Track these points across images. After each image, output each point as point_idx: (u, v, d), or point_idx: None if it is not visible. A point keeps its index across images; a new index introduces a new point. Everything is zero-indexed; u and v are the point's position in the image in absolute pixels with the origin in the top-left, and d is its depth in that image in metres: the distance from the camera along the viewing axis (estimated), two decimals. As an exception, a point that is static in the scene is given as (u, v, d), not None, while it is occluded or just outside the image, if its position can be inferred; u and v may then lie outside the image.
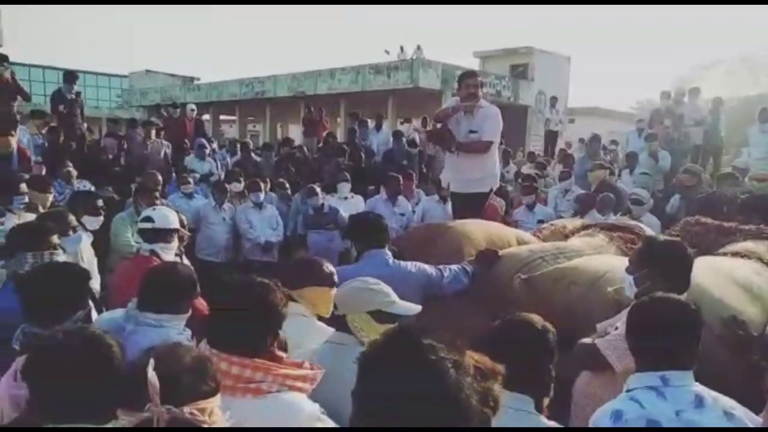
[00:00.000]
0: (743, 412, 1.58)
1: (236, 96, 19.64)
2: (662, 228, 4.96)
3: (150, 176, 5.69)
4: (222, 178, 7.01)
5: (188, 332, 2.09)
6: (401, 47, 17.81)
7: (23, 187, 4.22)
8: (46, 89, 25.27)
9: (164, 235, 3.10)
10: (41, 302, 1.85)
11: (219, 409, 1.14)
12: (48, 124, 7.57)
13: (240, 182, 6.31)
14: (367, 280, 2.01)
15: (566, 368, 2.03)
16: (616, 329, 1.98)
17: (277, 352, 1.55)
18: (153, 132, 8.55)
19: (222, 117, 23.18)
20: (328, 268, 2.30)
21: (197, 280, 2.21)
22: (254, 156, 8.90)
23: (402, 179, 6.77)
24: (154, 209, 3.34)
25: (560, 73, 17.67)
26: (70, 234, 3.20)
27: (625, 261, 2.45)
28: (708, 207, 4.94)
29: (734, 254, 3.16)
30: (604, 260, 2.96)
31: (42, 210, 4.28)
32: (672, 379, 1.57)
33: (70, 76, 8.02)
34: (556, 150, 11.77)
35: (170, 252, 3.13)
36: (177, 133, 9.26)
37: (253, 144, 10.65)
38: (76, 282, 1.98)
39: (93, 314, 2.22)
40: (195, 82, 24.16)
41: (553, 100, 13.44)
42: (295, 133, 16.27)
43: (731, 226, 3.64)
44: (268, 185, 6.68)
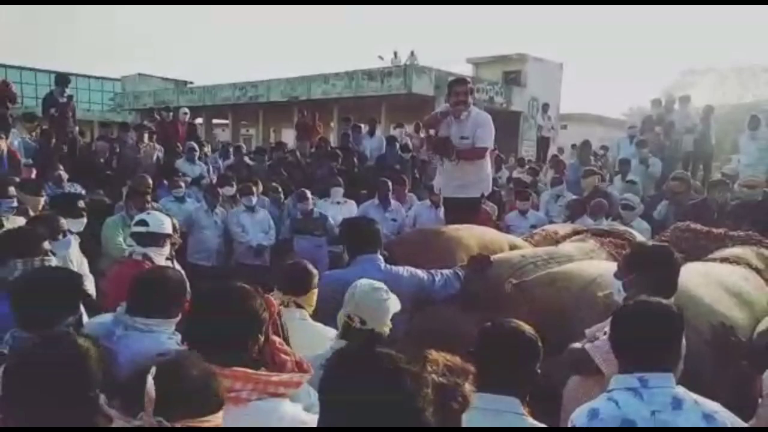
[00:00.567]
0: (728, 416, 1.58)
1: (229, 100, 19.61)
2: (652, 233, 5.00)
3: (140, 180, 5.67)
4: (214, 182, 6.99)
5: (178, 337, 2.07)
6: (395, 53, 17.90)
7: (12, 190, 4.19)
8: (38, 92, 25.10)
9: (158, 240, 3.11)
10: (32, 307, 1.84)
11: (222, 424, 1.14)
12: (39, 127, 7.53)
13: (232, 186, 6.29)
14: (384, 288, 2.03)
15: (556, 373, 2.05)
16: (605, 334, 1.99)
17: (277, 347, 1.55)
18: (145, 136, 8.52)
19: (215, 121, 23.12)
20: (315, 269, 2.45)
21: (187, 285, 2.20)
22: (247, 160, 8.89)
23: (395, 184, 6.78)
24: (149, 213, 3.33)
25: (552, 80, 17.78)
26: (60, 238, 3.18)
27: (615, 266, 2.47)
28: (698, 213, 4.99)
29: (723, 260, 3.20)
30: (595, 265, 2.99)
31: (32, 213, 4.24)
32: (650, 381, 1.59)
33: (62, 79, 7.98)
34: (548, 156, 11.84)
35: (162, 257, 3.13)
36: (170, 137, 9.23)
37: (246, 148, 10.63)
38: (67, 287, 1.96)
39: (85, 318, 2.21)
40: (188, 86, 24.09)
41: (546, 107, 13.52)
42: (288, 138, 16.26)
43: (720, 232, 3.68)
44: (261, 189, 6.67)
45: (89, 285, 3.26)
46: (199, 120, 19.17)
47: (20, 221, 3.89)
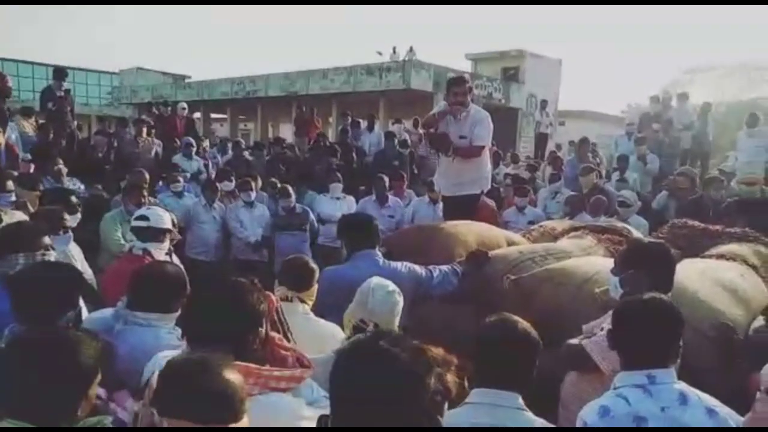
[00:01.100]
0: (726, 411, 1.62)
1: (228, 95, 19.55)
2: (651, 229, 5.01)
3: (137, 174, 5.65)
4: (213, 177, 6.98)
5: (178, 331, 2.08)
6: (394, 48, 17.84)
7: (10, 185, 4.18)
8: (35, 86, 25.00)
9: (158, 235, 3.11)
10: (31, 302, 1.84)
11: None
12: (37, 122, 7.49)
13: (231, 181, 6.28)
14: (396, 289, 2.03)
15: (553, 369, 2.06)
16: (603, 330, 2.00)
17: (276, 342, 1.55)
18: (144, 130, 8.50)
19: (213, 116, 23.06)
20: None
21: (186, 279, 2.20)
22: (245, 155, 8.88)
23: (393, 180, 6.78)
24: (149, 209, 3.34)
25: (551, 76, 17.76)
26: (61, 233, 3.18)
27: (613, 262, 2.49)
28: (695, 210, 5.01)
29: (720, 257, 3.21)
30: (592, 262, 3.00)
31: (30, 208, 4.24)
32: (657, 377, 1.61)
33: (60, 73, 7.94)
34: (546, 152, 11.84)
35: (162, 252, 3.13)
36: (168, 132, 9.21)
37: (245, 143, 10.61)
38: (67, 282, 1.97)
39: (84, 313, 2.22)
40: (186, 81, 24.02)
41: (544, 103, 13.53)
42: (287, 133, 16.24)
43: (717, 229, 3.69)
44: (259, 184, 6.66)
45: (90, 277, 3.27)
46: (197, 115, 19.13)
47: (18, 215, 3.89)
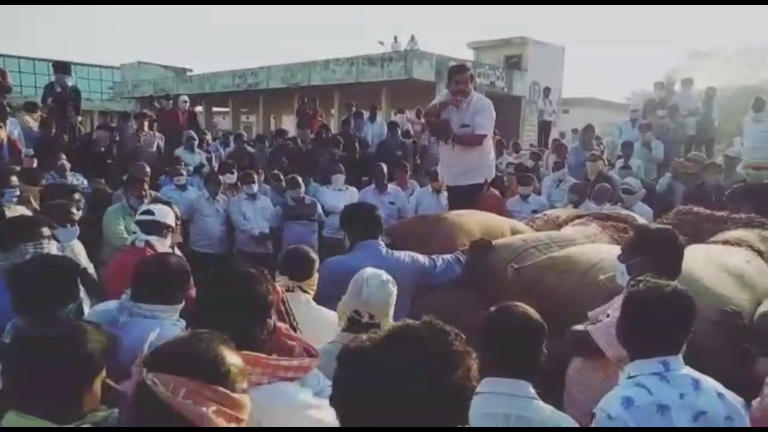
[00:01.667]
0: (732, 395, 1.63)
1: (229, 87, 19.52)
2: (654, 216, 4.99)
3: (138, 168, 5.65)
4: (215, 170, 6.98)
5: (182, 323, 2.09)
6: (395, 38, 17.77)
7: (14, 180, 4.19)
8: (37, 81, 25.00)
9: (161, 229, 3.11)
10: (32, 296, 1.85)
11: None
12: (40, 117, 7.49)
13: (233, 174, 6.29)
14: (390, 279, 2.01)
15: (558, 356, 2.05)
16: (608, 316, 1.99)
17: (283, 332, 1.55)
18: (146, 124, 8.49)
19: (215, 109, 23.03)
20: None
21: (189, 270, 2.20)
22: (248, 147, 8.86)
23: (397, 170, 6.77)
24: (155, 204, 3.37)
25: (554, 64, 17.64)
26: (68, 227, 3.20)
27: (618, 249, 2.47)
28: (697, 196, 4.98)
29: (725, 242, 3.19)
30: (597, 249, 2.98)
31: (34, 203, 4.25)
32: (672, 364, 1.62)
33: (60, 67, 7.88)
34: (550, 140, 11.78)
35: (164, 246, 3.13)
36: (170, 125, 9.20)
37: (247, 135, 10.59)
38: (67, 275, 1.97)
39: (86, 307, 2.22)
40: (188, 74, 23.97)
41: (547, 91, 13.44)
42: (289, 125, 16.21)
43: (722, 215, 3.66)
44: (262, 177, 6.65)
45: (92, 271, 3.28)
46: (199, 108, 19.11)
47: (22, 211, 3.90)
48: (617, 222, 3.64)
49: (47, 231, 2.51)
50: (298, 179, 5.85)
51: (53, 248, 2.52)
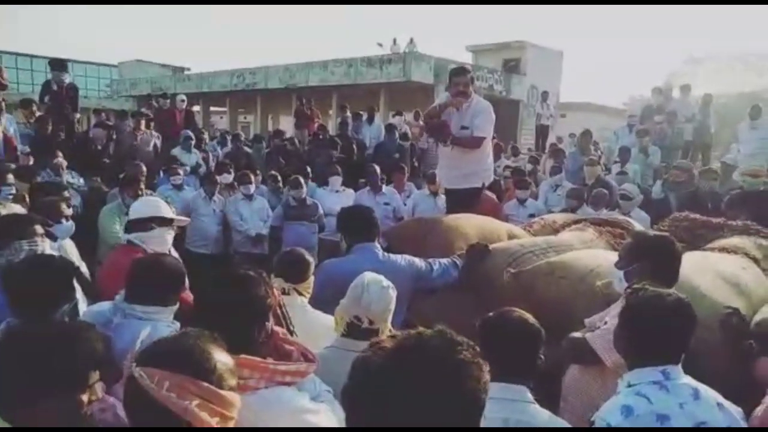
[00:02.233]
0: (730, 404, 1.63)
1: (227, 87, 19.49)
2: (651, 223, 4.99)
3: (134, 167, 5.62)
4: (212, 170, 6.96)
5: (176, 325, 2.07)
6: (394, 40, 17.80)
7: (10, 178, 4.17)
8: (34, 78, 24.94)
9: (140, 225, 2.93)
10: (26, 296, 1.83)
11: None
12: (34, 114, 7.45)
13: (230, 174, 6.27)
14: (390, 285, 1.99)
15: (555, 362, 2.05)
16: (605, 323, 1.99)
17: (280, 336, 1.54)
18: (143, 123, 8.46)
19: (213, 108, 23.01)
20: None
21: (185, 272, 2.19)
22: (245, 148, 8.85)
23: (394, 172, 6.78)
24: (136, 201, 3.30)
25: (552, 68, 17.70)
26: (63, 222, 3.17)
27: (615, 255, 2.46)
28: (693, 203, 4.98)
29: (722, 249, 3.19)
30: (594, 255, 2.98)
31: (28, 200, 4.23)
32: (671, 373, 1.62)
33: (56, 64, 7.83)
34: (547, 144, 11.80)
35: (153, 241, 2.91)
36: (167, 124, 9.17)
37: (244, 136, 10.57)
38: (62, 275, 1.95)
39: (82, 306, 2.20)
40: (186, 73, 23.95)
41: (545, 95, 13.47)
42: (287, 125, 16.19)
43: (718, 222, 3.67)
44: (259, 177, 6.64)
45: (83, 269, 3.24)
46: (197, 107, 19.07)
47: (17, 209, 3.88)
48: (614, 228, 3.64)
49: (41, 229, 2.48)
50: (301, 180, 5.84)
51: (47, 247, 2.49)
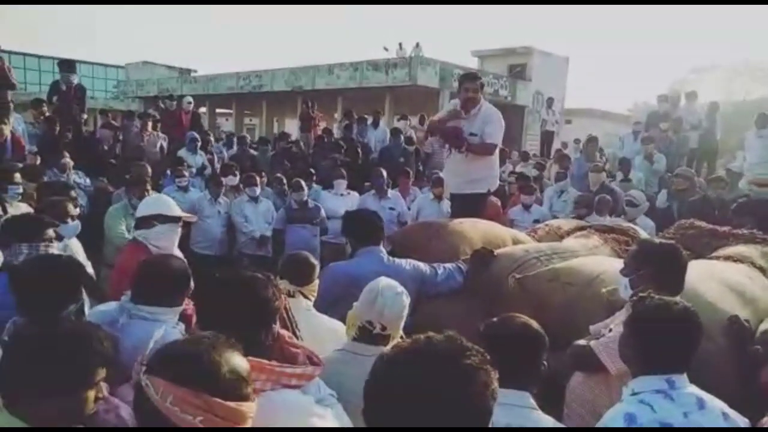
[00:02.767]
0: (735, 414, 1.62)
1: (233, 89, 19.56)
2: (657, 229, 4.98)
3: (140, 168, 5.64)
4: (217, 172, 6.98)
5: (182, 326, 2.08)
6: (400, 44, 17.82)
7: (18, 177, 4.19)
8: (42, 78, 25.09)
9: (144, 223, 2.94)
10: (33, 295, 1.84)
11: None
12: (44, 114, 7.51)
13: (236, 176, 6.29)
14: (404, 291, 1.98)
15: (559, 369, 2.04)
16: (611, 331, 1.99)
17: (286, 339, 1.54)
18: (150, 124, 8.50)
19: (218, 110, 23.07)
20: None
21: (190, 273, 2.19)
22: (250, 150, 8.87)
23: (399, 176, 6.77)
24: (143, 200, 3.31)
25: (558, 74, 17.69)
26: (69, 222, 3.19)
27: (620, 262, 2.46)
28: (700, 211, 4.97)
29: (727, 258, 3.18)
30: (599, 261, 2.97)
31: (35, 199, 4.25)
32: (676, 382, 1.61)
33: (66, 65, 7.90)
34: (552, 150, 11.79)
35: (156, 238, 2.91)
36: (173, 126, 9.21)
37: (250, 138, 10.60)
38: (69, 275, 1.96)
39: (87, 307, 2.21)
40: (192, 75, 24.03)
41: (550, 101, 13.47)
42: (292, 128, 16.23)
43: (724, 230, 3.66)
44: (265, 179, 6.66)
45: (90, 270, 3.26)
46: (203, 109, 19.14)
47: (24, 207, 3.90)
48: (619, 234, 3.64)
49: (52, 232, 2.50)
50: (302, 183, 5.86)
51: (56, 248, 2.51)
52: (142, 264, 2.17)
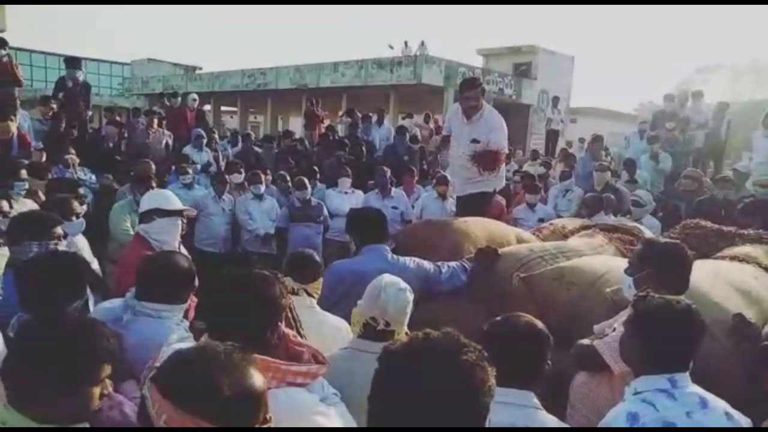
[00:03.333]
0: (738, 414, 1.62)
1: (238, 87, 19.58)
2: (662, 230, 4.96)
3: (144, 165, 5.67)
4: (222, 169, 7.00)
5: (186, 323, 2.08)
6: (405, 42, 17.77)
7: (24, 173, 4.22)
8: (48, 75, 25.16)
9: (144, 218, 2.96)
10: (38, 291, 1.84)
11: None
12: (51, 111, 7.54)
13: (240, 173, 6.30)
14: (408, 288, 1.97)
15: (563, 368, 2.04)
16: (614, 330, 1.98)
17: (291, 338, 1.54)
18: (155, 121, 8.52)
19: (223, 108, 23.11)
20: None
21: (195, 270, 2.20)
22: (255, 148, 8.89)
23: (404, 175, 6.77)
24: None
25: (563, 73, 17.63)
26: (74, 220, 3.20)
27: (624, 262, 2.45)
28: (706, 210, 4.95)
29: (733, 258, 3.16)
30: (604, 261, 2.96)
31: (42, 196, 4.27)
32: (679, 381, 1.61)
33: (72, 62, 7.94)
34: (557, 149, 11.76)
35: (157, 232, 2.92)
36: (178, 123, 9.23)
37: (255, 136, 10.60)
38: (74, 271, 1.97)
39: (92, 303, 2.22)
40: (197, 72, 24.07)
41: (556, 100, 13.42)
42: (296, 126, 16.23)
43: (730, 230, 3.64)
44: (269, 177, 6.67)
45: (94, 265, 3.27)
46: (208, 106, 19.17)
47: (30, 204, 3.92)
48: (624, 234, 3.62)
49: (60, 230, 2.51)
50: (305, 181, 5.87)
51: (63, 246, 2.52)
52: (147, 261, 2.18)
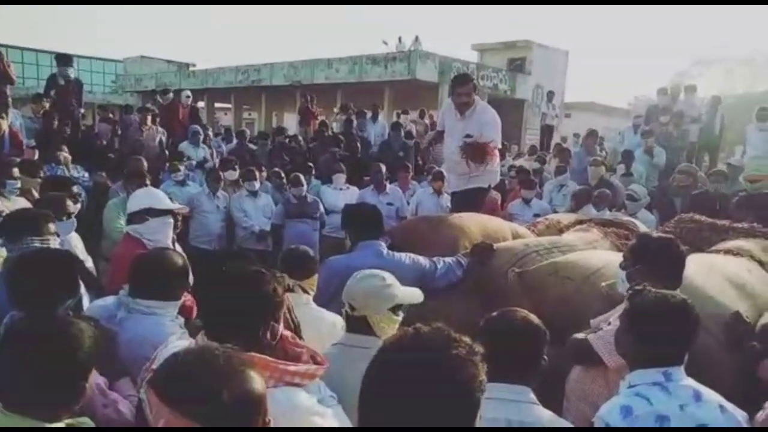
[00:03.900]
0: (730, 406, 1.62)
1: (232, 83, 19.48)
2: (657, 224, 4.98)
3: (135, 162, 5.63)
4: (217, 166, 6.96)
5: (181, 320, 2.08)
6: (399, 38, 17.73)
7: (16, 172, 4.19)
8: (40, 73, 24.98)
9: (136, 218, 2.93)
10: (29, 290, 1.83)
11: None
12: (43, 108, 7.48)
13: (235, 170, 6.27)
14: (382, 276, 1.96)
15: (558, 363, 2.04)
16: (609, 324, 1.98)
17: (289, 339, 1.53)
18: (149, 118, 8.46)
19: (217, 105, 23.01)
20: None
21: (189, 267, 2.19)
22: (249, 144, 8.84)
23: (399, 171, 6.76)
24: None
25: (558, 68, 17.63)
26: (65, 219, 3.18)
27: (619, 256, 2.46)
28: (701, 205, 4.96)
29: (727, 252, 3.18)
30: (599, 255, 2.97)
31: (35, 194, 4.25)
32: (673, 375, 1.61)
33: (63, 59, 7.84)
34: (552, 144, 11.77)
35: (150, 232, 2.88)
36: (171, 120, 9.17)
37: (249, 132, 10.56)
38: (66, 269, 1.95)
39: (86, 301, 2.20)
40: (191, 69, 23.93)
41: (550, 95, 13.42)
42: (291, 122, 16.19)
43: (724, 224, 3.65)
44: (264, 174, 6.65)
45: (88, 264, 3.25)
46: (201, 103, 19.07)
47: (22, 202, 3.90)
48: (619, 229, 3.63)
49: (53, 227, 2.49)
50: (301, 177, 5.85)
51: (55, 243, 2.50)
52: (140, 258, 2.16)
